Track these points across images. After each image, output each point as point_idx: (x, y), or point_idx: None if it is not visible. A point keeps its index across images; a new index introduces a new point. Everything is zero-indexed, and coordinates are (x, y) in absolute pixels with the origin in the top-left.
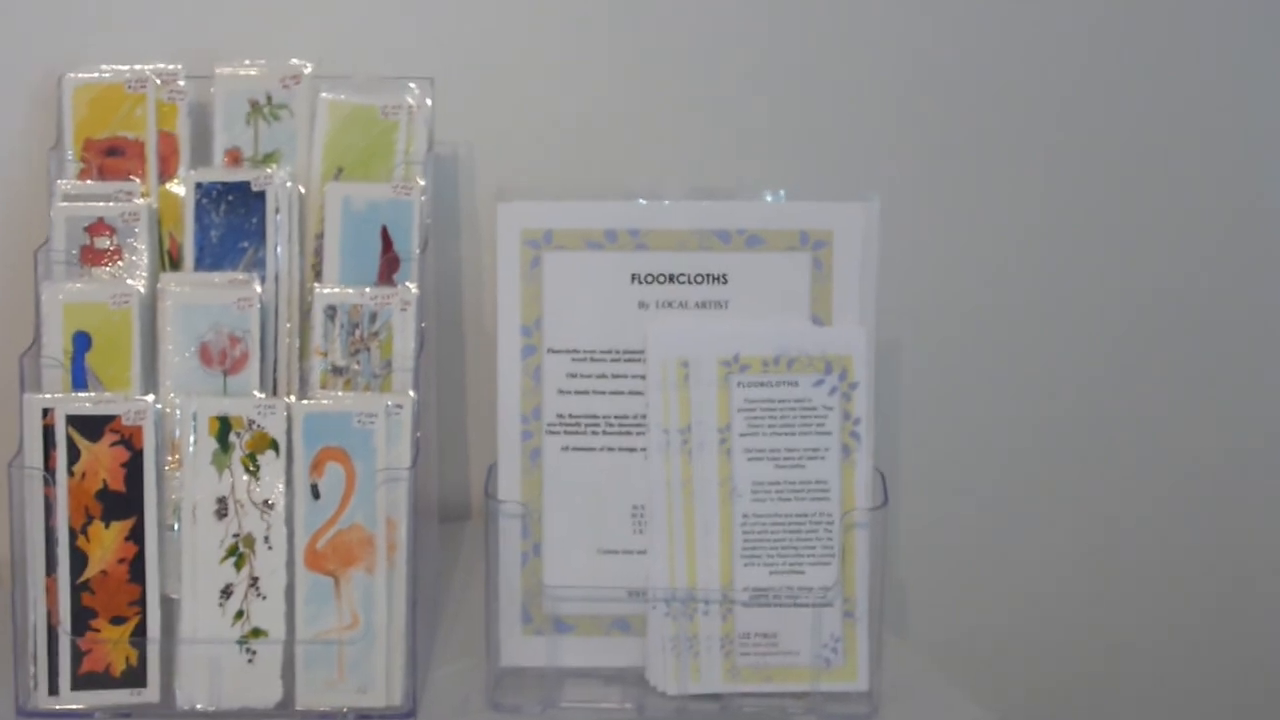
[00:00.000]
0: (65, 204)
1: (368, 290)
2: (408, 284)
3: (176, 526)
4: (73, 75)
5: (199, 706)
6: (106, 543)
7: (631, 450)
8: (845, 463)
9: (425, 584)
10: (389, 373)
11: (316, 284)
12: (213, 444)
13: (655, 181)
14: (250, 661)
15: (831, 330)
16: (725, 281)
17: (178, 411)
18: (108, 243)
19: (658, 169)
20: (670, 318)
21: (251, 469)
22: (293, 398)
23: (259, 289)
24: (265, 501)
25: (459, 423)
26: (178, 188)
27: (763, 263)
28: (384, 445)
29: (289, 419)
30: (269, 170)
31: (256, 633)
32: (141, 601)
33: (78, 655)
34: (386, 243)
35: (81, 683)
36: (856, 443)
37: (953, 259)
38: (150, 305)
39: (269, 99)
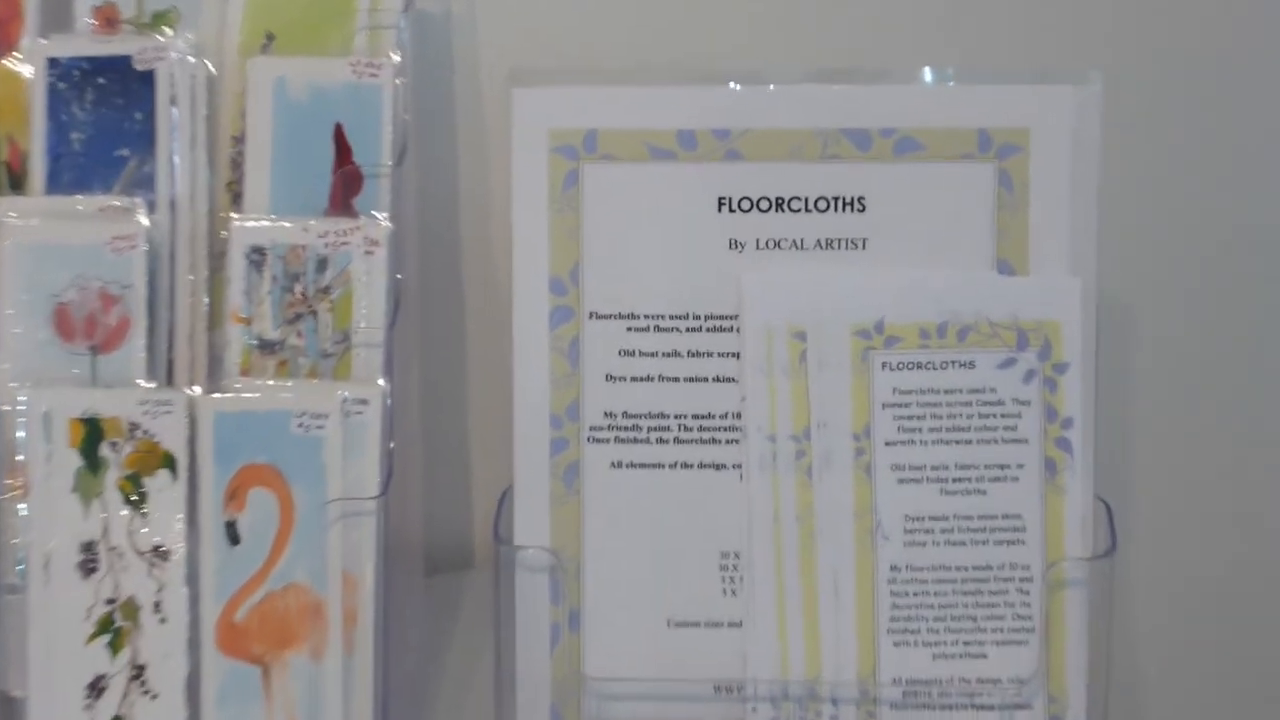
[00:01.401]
0: None
1: (314, 224)
2: (375, 214)
3: (19, 586)
4: None
5: None
6: None
7: (719, 467)
8: (1049, 487)
9: (403, 674)
10: (347, 350)
11: (235, 214)
12: (75, 460)
13: (754, 57)
14: None
15: (1028, 282)
16: (862, 208)
17: (20, 409)
18: None
19: (757, 37)
20: (778, 265)
21: (135, 499)
22: (198, 389)
23: (146, 222)
24: (156, 549)
25: (456, 427)
26: (20, 65)
27: (920, 180)
28: (339, 462)
29: (193, 422)
30: (160, 39)
31: None
32: None
33: None
34: (342, 151)
35: None
36: (1067, 456)
37: (1209, 176)
38: None
39: None
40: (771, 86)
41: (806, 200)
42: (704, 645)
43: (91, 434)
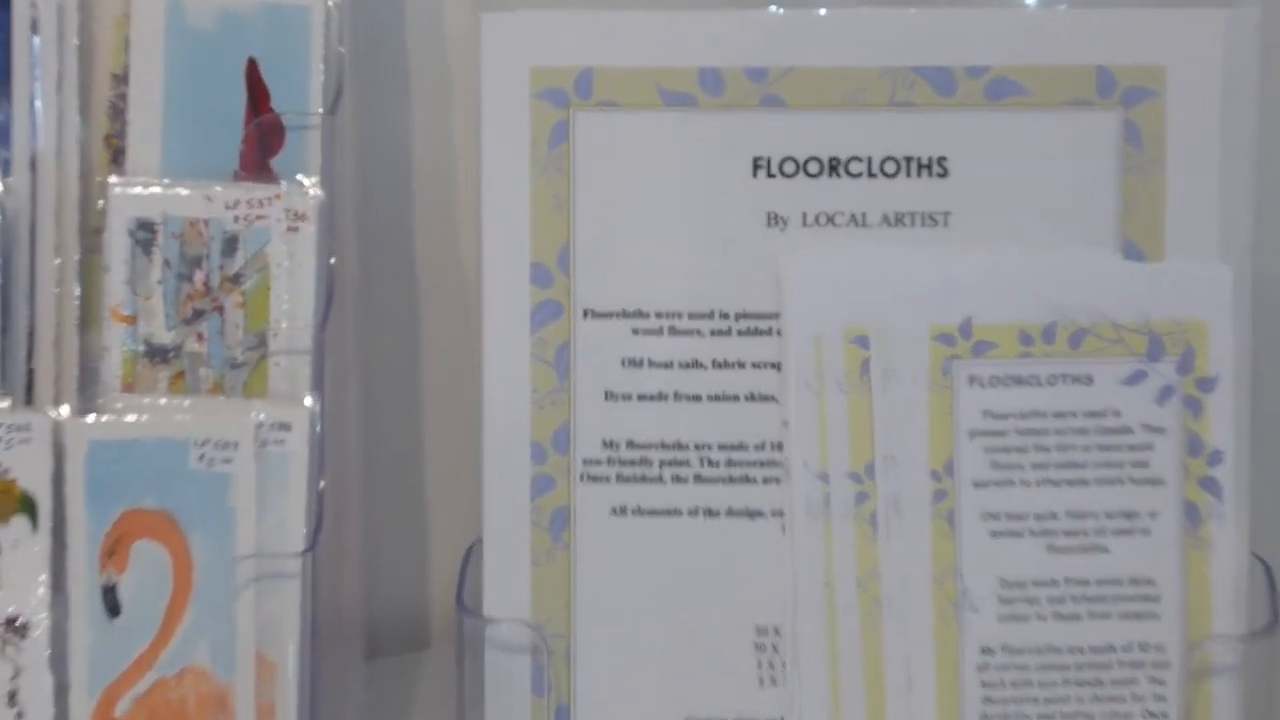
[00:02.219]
0: None
1: (220, 191)
2: (301, 179)
3: None
4: None
5: None
6: None
7: (753, 515)
8: (1191, 541)
9: None
10: (263, 358)
11: (114, 177)
12: None
13: None
14: None
15: (1163, 271)
16: (943, 172)
17: None
18: None
19: None
20: (831, 247)
21: None
22: (66, 410)
23: None
24: (10, 622)
25: (407, 461)
26: None
27: (1020, 134)
28: (252, 507)
29: (59, 453)
30: None
31: None
32: None
33: None
34: (258, 95)
35: None
36: (1214, 501)
37: None
38: None
39: None
40: (823, 11)
41: (870, 161)
42: None
43: None
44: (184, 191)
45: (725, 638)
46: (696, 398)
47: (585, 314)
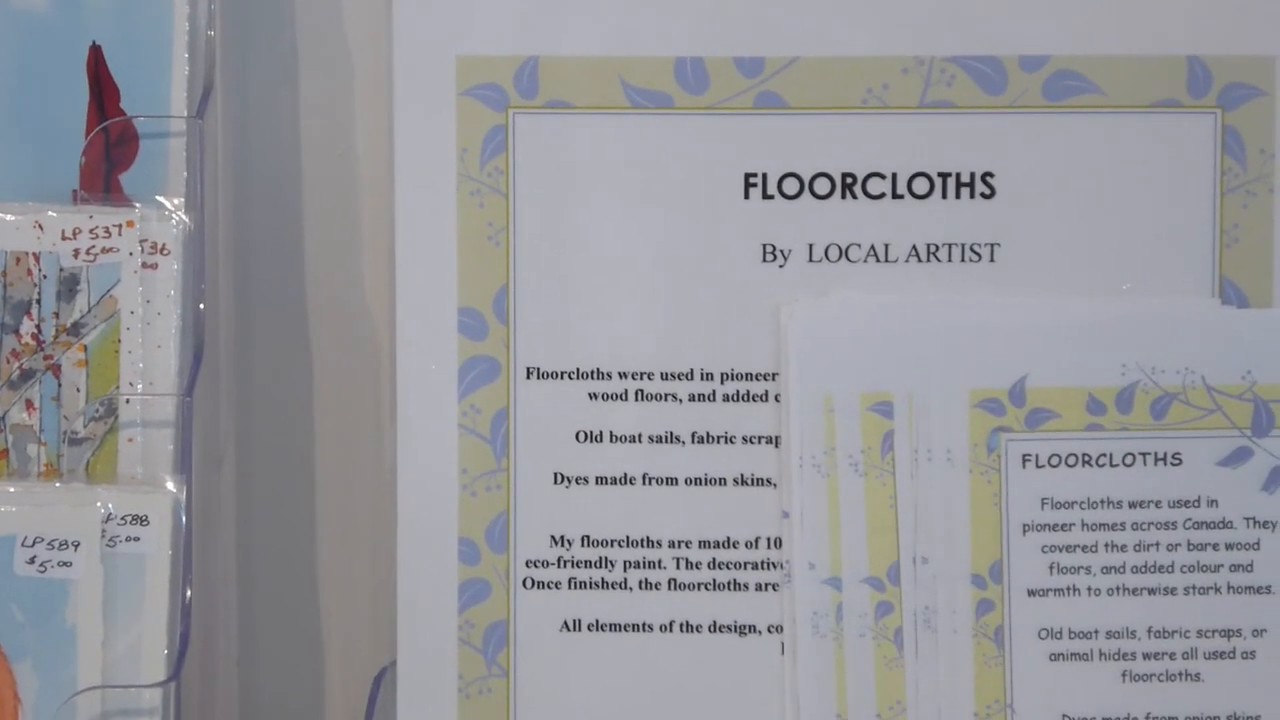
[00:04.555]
0: None
1: (54, 216)
2: (161, 201)
3: None
4: None
5: None
6: None
7: (744, 632)
8: None
9: None
10: (112, 431)
11: None
12: None
13: None
14: None
15: (1270, 318)
16: (989, 192)
17: None
18: None
19: None
20: (844, 288)
21: None
22: None
23: None
24: None
25: (298, 565)
26: None
27: (1088, 142)
28: (97, 627)
29: None
30: None
31: None
32: None
33: None
34: (104, 92)
35: None
36: None
37: None
38: None
39: None
40: None
41: (894, 179)
42: None
43: None
44: (8, 217)
45: None
46: (671, 481)
47: (529, 374)
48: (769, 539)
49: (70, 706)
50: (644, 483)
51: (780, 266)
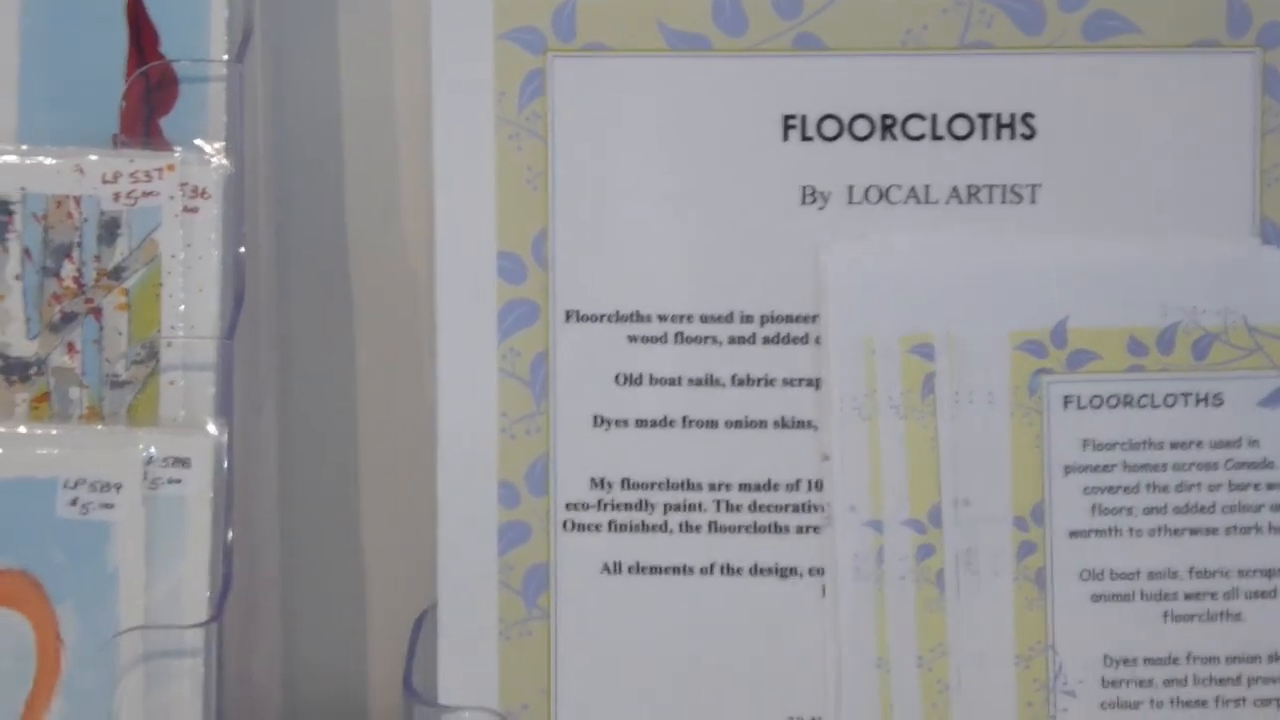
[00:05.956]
0: None
1: (95, 160)
2: (201, 145)
3: None
4: None
5: None
6: None
7: (785, 574)
8: None
9: None
10: (153, 375)
11: None
12: None
13: None
14: None
15: None
16: (1030, 133)
17: None
18: None
19: None
20: (884, 231)
21: None
22: None
23: None
24: None
25: (339, 506)
26: None
27: (1126, 82)
28: (139, 567)
29: None
30: None
31: None
32: None
33: None
34: (143, 37)
35: None
36: None
37: None
38: None
39: None
40: None
41: (934, 120)
42: None
43: None
44: (48, 161)
45: None
46: (711, 424)
47: (568, 317)
48: (810, 481)
49: (112, 647)
50: (684, 425)
51: (820, 209)
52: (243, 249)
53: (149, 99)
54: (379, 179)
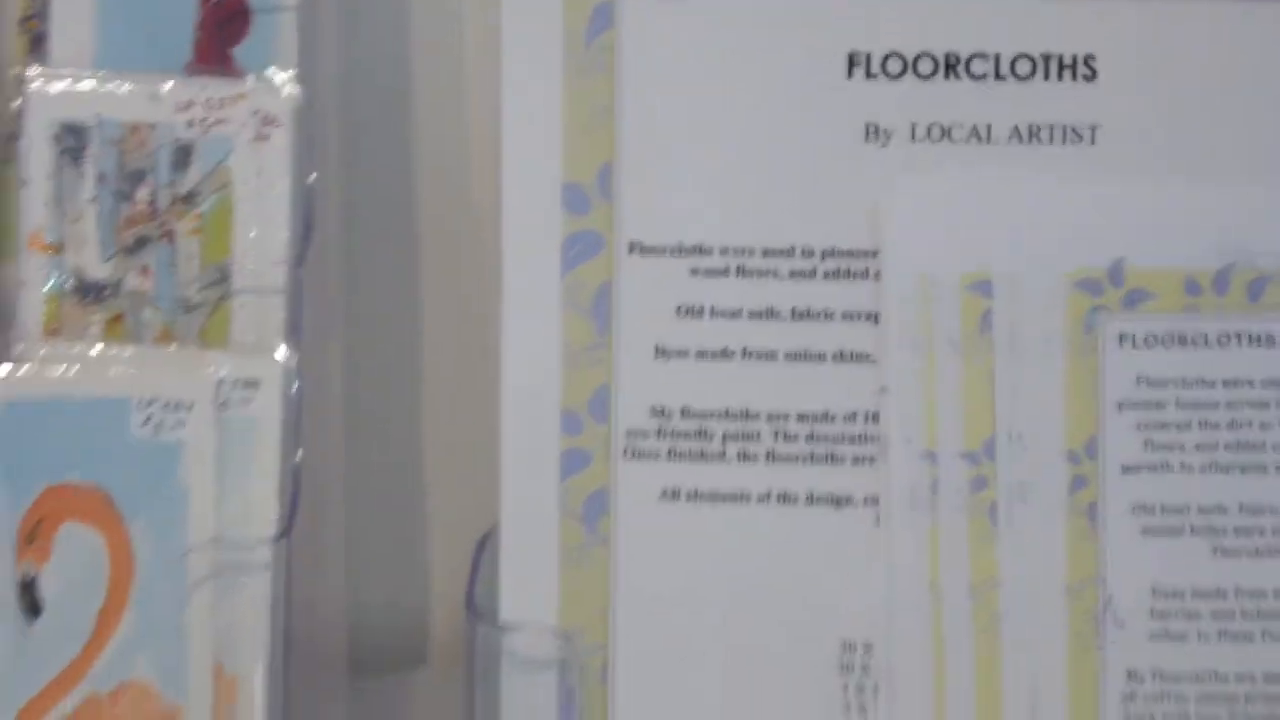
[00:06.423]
0: None
1: (168, 88)
2: (272, 74)
3: None
4: None
5: None
6: None
7: (840, 503)
8: None
9: None
10: (224, 299)
11: (33, 69)
12: None
13: None
14: None
15: None
16: (1090, 74)
17: None
18: None
19: None
20: (945, 168)
21: None
22: None
23: None
24: None
25: (403, 430)
26: None
27: (1188, 23)
28: (209, 484)
29: None
30: None
31: None
32: None
33: None
34: None
35: None
36: None
37: None
38: None
39: None
40: None
41: (997, 60)
42: None
43: None
44: (123, 88)
45: (803, 655)
46: (771, 355)
47: (631, 249)
48: (866, 413)
49: (184, 563)
50: (743, 357)
51: (882, 146)
52: (313, 176)
53: (222, 28)
54: (447, 109)
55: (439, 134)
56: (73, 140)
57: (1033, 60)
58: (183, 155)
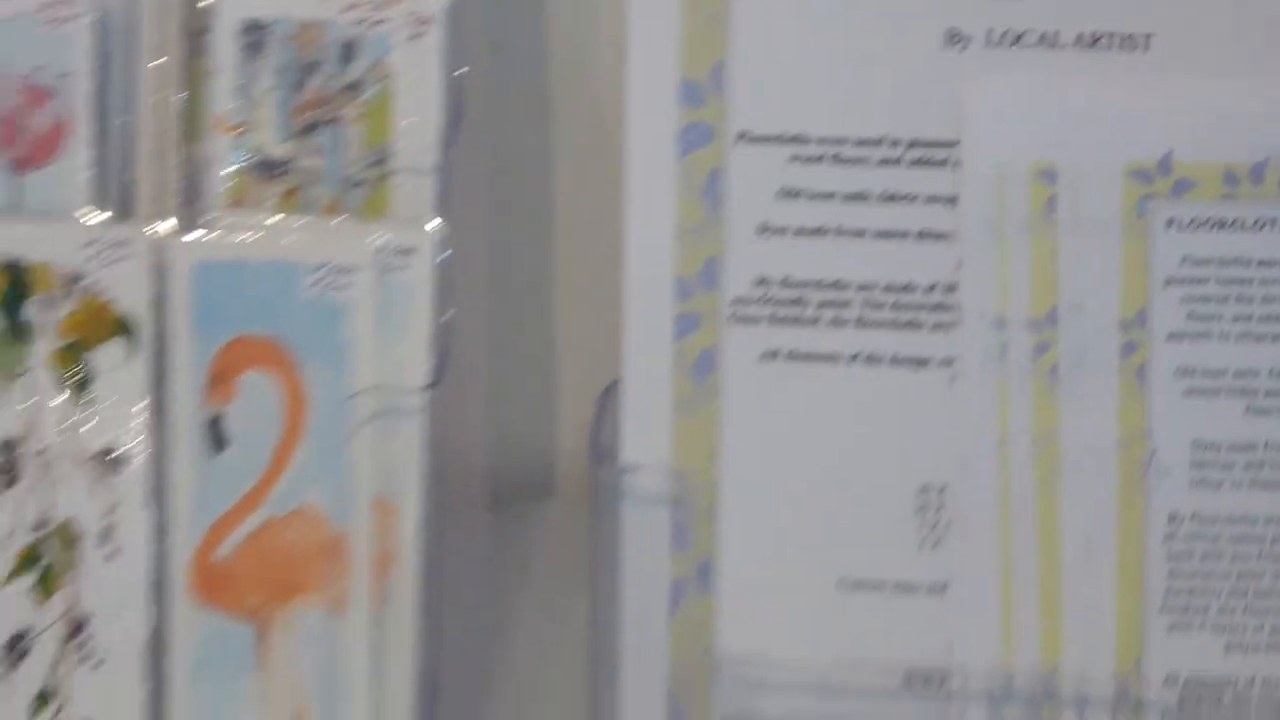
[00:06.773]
0: None
1: None
2: None
3: None
4: None
5: None
6: None
7: (920, 364)
8: None
9: (456, 641)
10: (384, 176)
11: None
12: None
13: None
14: None
15: None
16: None
17: None
18: None
19: None
20: (1018, 70)
21: (75, 381)
22: (168, 225)
23: None
24: (105, 454)
25: (538, 294)
26: None
27: None
28: (371, 338)
29: (160, 273)
30: None
31: None
32: None
33: None
34: None
35: None
36: None
37: None
38: None
39: None
40: None
41: None
42: (891, 617)
43: (13, 286)
44: None
45: (884, 495)
46: (861, 233)
47: (740, 138)
48: (944, 285)
49: (348, 407)
50: (837, 234)
51: (961, 50)
52: (462, 70)
53: None
54: (579, 13)
55: (572, 35)
56: (254, 35)
57: None
58: (349, 51)
